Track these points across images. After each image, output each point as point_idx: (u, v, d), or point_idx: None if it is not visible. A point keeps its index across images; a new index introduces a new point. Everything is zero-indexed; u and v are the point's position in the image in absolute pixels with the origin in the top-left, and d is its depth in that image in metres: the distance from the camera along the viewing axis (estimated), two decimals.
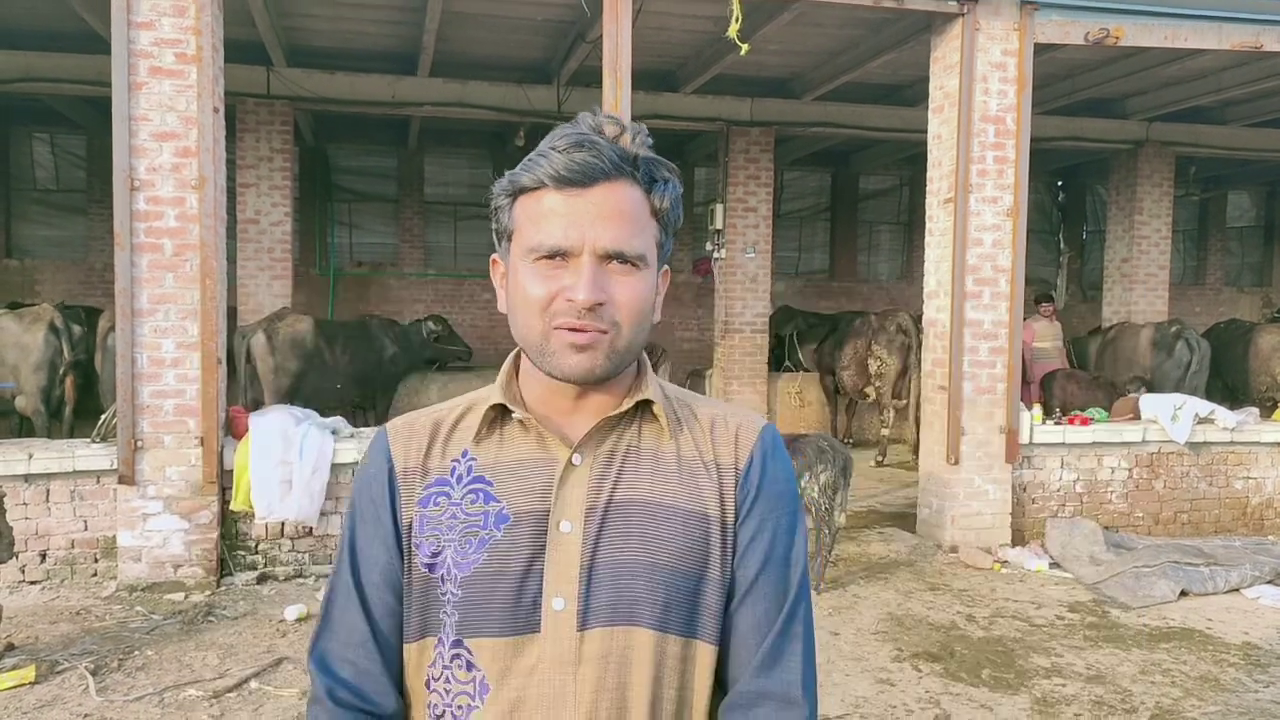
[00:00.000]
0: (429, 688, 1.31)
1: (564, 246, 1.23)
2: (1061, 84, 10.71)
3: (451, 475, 1.34)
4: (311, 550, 6.57)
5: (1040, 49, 7.77)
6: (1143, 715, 4.65)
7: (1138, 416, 8.23)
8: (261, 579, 6.42)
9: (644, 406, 1.34)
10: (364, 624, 1.33)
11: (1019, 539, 7.63)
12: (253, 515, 6.37)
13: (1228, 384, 11.14)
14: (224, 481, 6.38)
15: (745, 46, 7.18)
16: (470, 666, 1.27)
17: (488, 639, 1.27)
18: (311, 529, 6.53)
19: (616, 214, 1.24)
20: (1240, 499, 8.21)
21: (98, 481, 6.30)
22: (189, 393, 6.22)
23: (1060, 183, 17.79)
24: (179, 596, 6.09)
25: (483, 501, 1.30)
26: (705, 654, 1.30)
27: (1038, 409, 8.03)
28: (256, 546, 6.52)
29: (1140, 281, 12.99)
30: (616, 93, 6.72)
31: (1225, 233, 18.56)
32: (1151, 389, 9.69)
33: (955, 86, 7.34)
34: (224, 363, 6.51)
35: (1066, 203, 17.95)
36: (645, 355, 1.37)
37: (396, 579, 1.34)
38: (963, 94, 7.28)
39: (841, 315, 12.76)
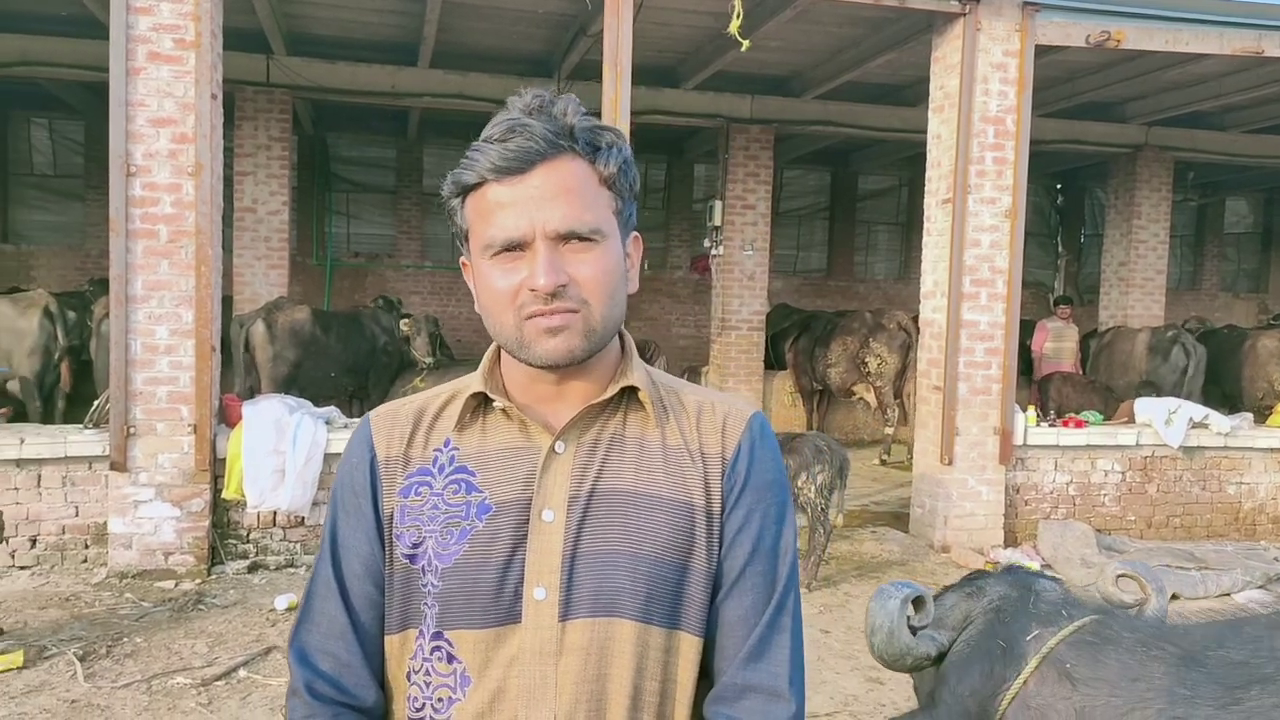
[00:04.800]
0: (409, 680, 1.29)
1: (515, 237, 1.20)
2: (1062, 86, 10.70)
3: (434, 465, 1.31)
4: (303, 540, 6.56)
5: (1041, 51, 7.76)
6: None
7: (1133, 420, 8.23)
8: (253, 568, 6.40)
9: (629, 394, 1.31)
10: (344, 615, 1.31)
11: (1011, 540, 7.63)
12: (245, 504, 6.35)
13: (1225, 391, 11.13)
14: (216, 470, 6.36)
15: (746, 43, 7.16)
16: (451, 659, 1.25)
17: (469, 630, 1.24)
18: (303, 519, 6.52)
19: (561, 192, 1.20)
20: (1233, 504, 8.21)
21: (90, 468, 6.28)
22: (182, 380, 6.20)
23: (1059, 186, 17.79)
24: (169, 584, 6.07)
25: (465, 491, 1.28)
26: (689, 646, 1.28)
27: (1032, 411, 8.03)
28: (248, 535, 6.51)
29: (1137, 285, 12.99)
30: (617, 87, 6.70)
31: (1222, 238, 18.58)
32: (1157, 394, 9.69)
33: (955, 87, 7.32)
34: (218, 350, 6.49)
35: (1065, 206, 17.97)
36: (630, 340, 1.35)
37: (378, 570, 1.31)
38: (963, 94, 7.26)
39: (815, 314, 12.58)
